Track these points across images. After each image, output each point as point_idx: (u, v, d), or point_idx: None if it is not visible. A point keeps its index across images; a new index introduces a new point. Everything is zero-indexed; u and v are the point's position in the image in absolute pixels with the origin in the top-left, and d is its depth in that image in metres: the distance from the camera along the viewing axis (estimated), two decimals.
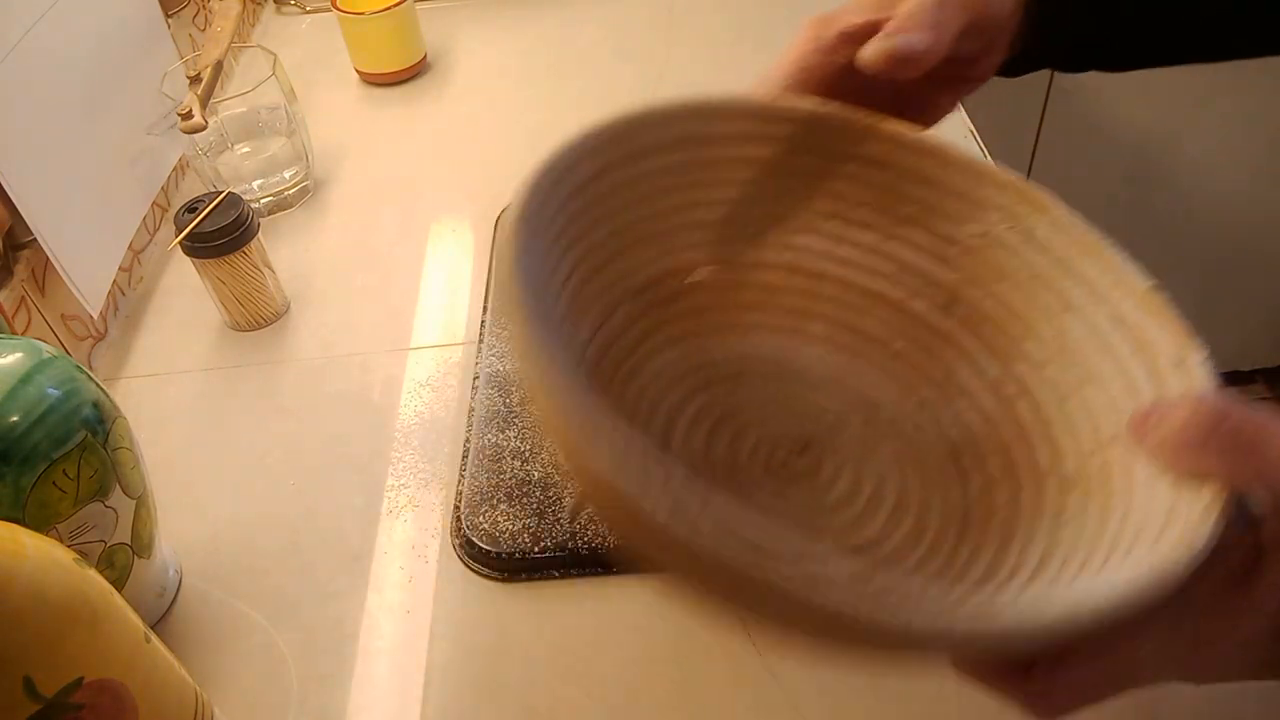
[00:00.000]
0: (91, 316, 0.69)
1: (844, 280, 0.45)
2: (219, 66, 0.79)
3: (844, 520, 0.40)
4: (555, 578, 0.55)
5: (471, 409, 0.63)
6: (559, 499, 0.57)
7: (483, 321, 0.69)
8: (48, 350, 0.47)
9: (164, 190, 0.84)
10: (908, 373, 0.44)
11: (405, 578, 0.56)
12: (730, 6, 1.03)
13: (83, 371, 0.48)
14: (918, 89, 0.43)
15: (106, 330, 0.73)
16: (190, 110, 0.73)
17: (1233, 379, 1.71)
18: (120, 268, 0.74)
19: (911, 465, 0.42)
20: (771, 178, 0.44)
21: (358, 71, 0.98)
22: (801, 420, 0.44)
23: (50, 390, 0.45)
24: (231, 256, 0.67)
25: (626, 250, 0.43)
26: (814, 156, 0.44)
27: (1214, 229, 1.50)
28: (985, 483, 0.40)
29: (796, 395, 0.45)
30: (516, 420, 0.62)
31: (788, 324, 0.46)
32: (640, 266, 0.43)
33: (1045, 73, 1.42)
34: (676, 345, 0.44)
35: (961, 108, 0.87)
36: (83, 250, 0.68)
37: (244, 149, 0.83)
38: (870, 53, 0.40)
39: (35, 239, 0.63)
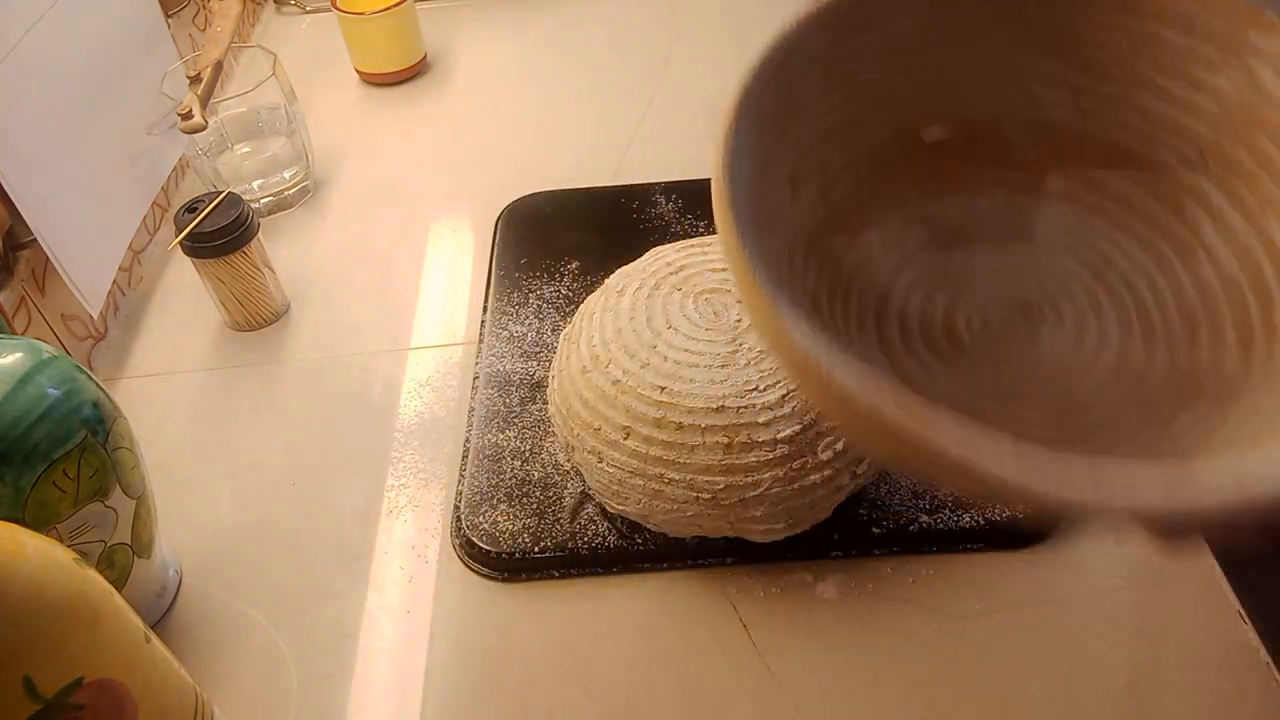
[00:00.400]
0: (91, 316, 0.69)
1: (1084, 131, 0.43)
2: (219, 66, 0.80)
3: (1056, 388, 0.40)
4: (555, 578, 0.55)
5: (471, 409, 0.63)
6: (559, 499, 0.57)
7: (483, 321, 0.69)
8: (48, 350, 0.47)
9: (164, 190, 0.84)
10: (1148, 229, 0.42)
11: (405, 578, 0.56)
12: (731, 6, 1.03)
13: (83, 371, 0.48)
14: None
15: (106, 330, 0.73)
16: (190, 110, 0.73)
17: None
18: (120, 268, 0.74)
19: (1140, 326, 0.41)
20: (1006, 28, 0.42)
21: (358, 71, 0.98)
22: (1026, 282, 0.43)
23: (50, 390, 0.45)
24: (231, 256, 0.67)
25: (855, 116, 0.42)
26: (1051, 4, 0.41)
27: None
28: (1217, 344, 0.38)
29: (1025, 255, 0.44)
30: (516, 420, 0.62)
31: (1022, 180, 0.44)
32: (869, 131, 0.43)
33: None
34: (903, 206, 0.44)
35: None
36: (83, 250, 0.68)
37: (244, 149, 0.83)
38: None
39: (35, 239, 0.63)
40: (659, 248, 0.61)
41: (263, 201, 0.82)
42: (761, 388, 0.50)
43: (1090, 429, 0.39)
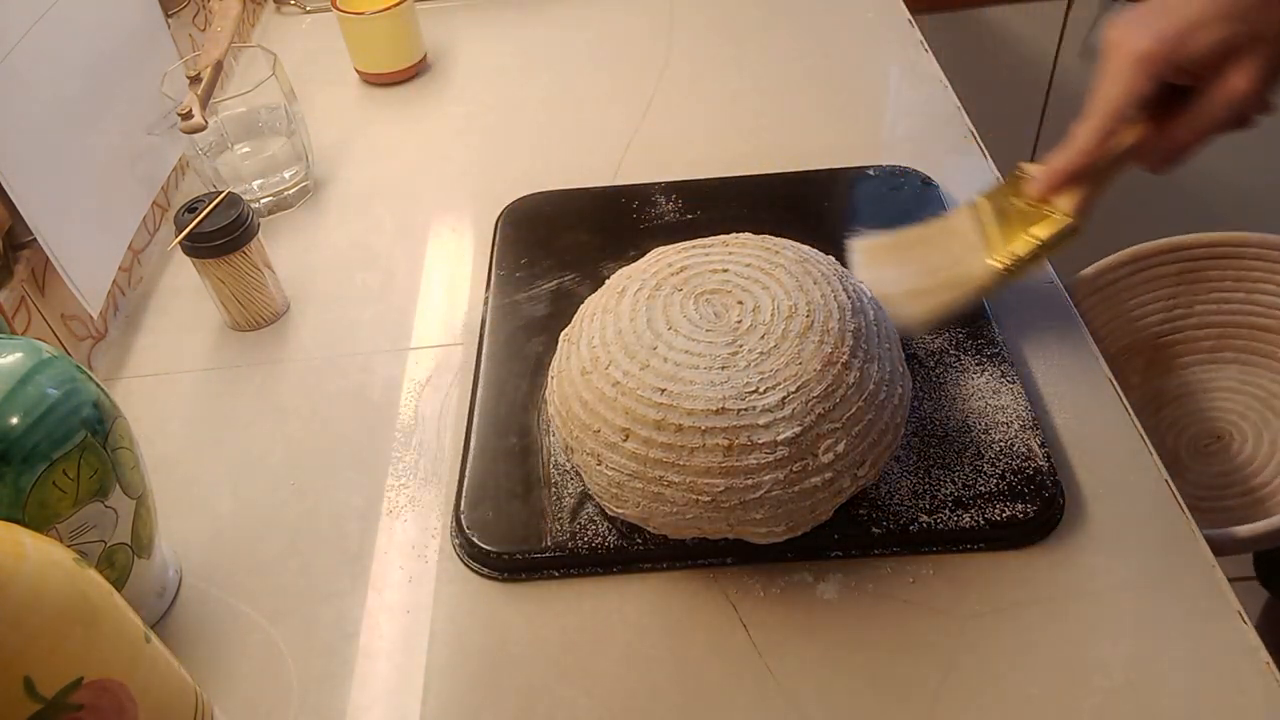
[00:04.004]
0: (91, 316, 0.69)
1: None
2: (219, 66, 0.80)
3: None
4: (555, 578, 0.55)
5: (471, 409, 0.63)
6: (559, 499, 0.57)
7: (483, 321, 0.69)
8: (48, 350, 0.47)
9: (164, 190, 0.84)
10: None
11: (405, 578, 0.56)
12: (730, 6, 1.03)
13: (83, 371, 0.48)
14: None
15: (106, 330, 0.73)
16: (190, 110, 0.73)
17: None
18: (120, 268, 0.74)
19: None
20: None
21: (358, 71, 0.98)
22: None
23: (50, 390, 0.45)
24: (231, 256, 0.67)
25: None
26: None
27: (1214, 229, 1.49)
28: None
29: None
30: (516, 420, 0.62)
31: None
32: None
33: (1045, 72, 1.43)
34: None
35: (962, 109, 0.87)
36: (83, 250, 0.68)
37: (244, 149, 0.83)
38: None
39: (35, 239, 0.63)
40: (660, 248, 0.60)
41: (263, 201, 0.82)
42: (762, 390, 0.50)
43: None
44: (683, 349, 0.52)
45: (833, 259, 0.59)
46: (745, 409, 0.49)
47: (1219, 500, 0.81)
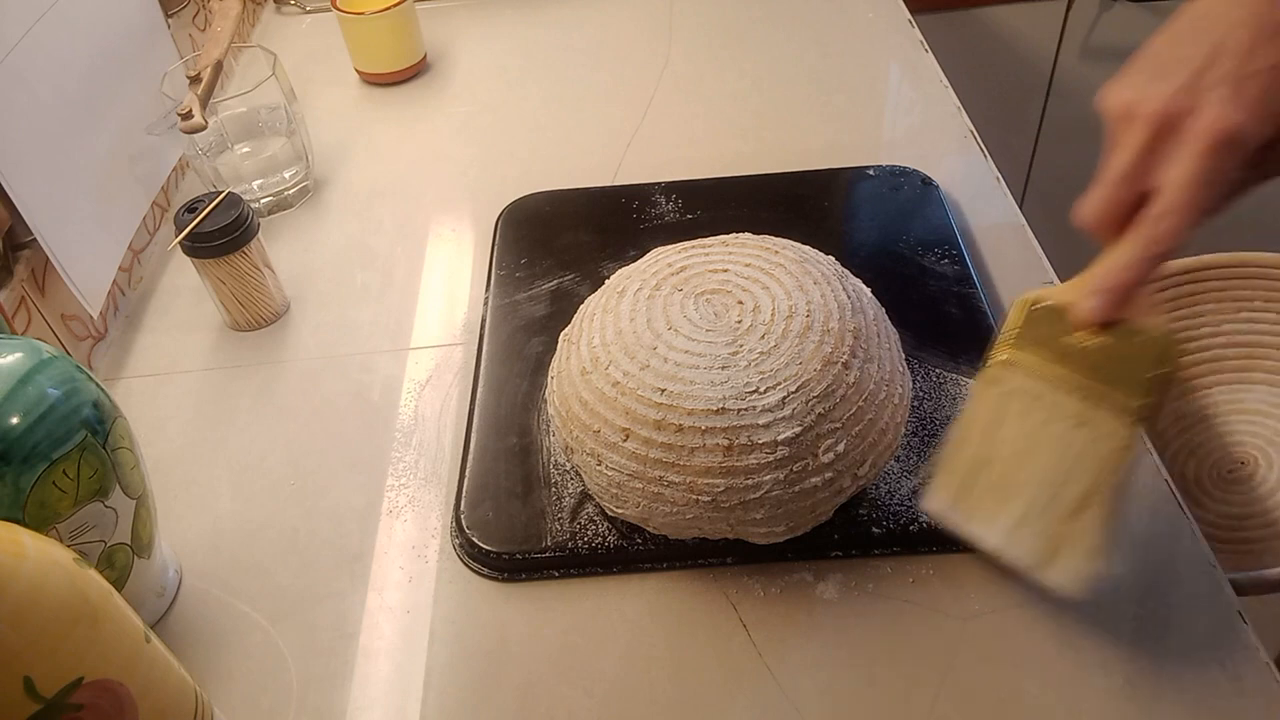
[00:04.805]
0: (91, 316, 0.69)
1: None
2: (219, 66, 0.79)
3: None
4: (555, 578, 0.55)
5: (471, 409, 0.63)
6: (559, 499, 0.57)
7: (483, 321, 0.69)
8: (48, 350, 0.47)
9: (164, 190, 0.84)
10: None
11: (405, 578, 0.56)
12: (730, 6, 1.03)
13: (83, 371, 0.48)
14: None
15: (106, 330, 0.73)
16: (190, 110, 0.73)
17: None
18: (120, 268, 0.74)
19: None
20: None
21: (358, 71, 0.98)
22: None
23: (50, 390, 0.45)
24: (231, 256, 0.67)
25: None
26: None
27: (1213, 229, 1.50)
28: None
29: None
30: (516, 420, 0.62)
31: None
32: None
33: (1045, 72, 1.43)
34: None
35: (962, 110, 0.87)
36: (83, 250, 0.68)
37: (244, 149, 0.83)
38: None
39: (35, 239, 0.63)
40: (660, 248, 0.60)
41: (263, 201, 0.82)
42: (762, 390, 0.50)
43: None
44: (683, 349, 0.52)
45: (833, 259, 0.59)
46: (745, 409, 0.49)
47: (1239, 531, 0.78)
